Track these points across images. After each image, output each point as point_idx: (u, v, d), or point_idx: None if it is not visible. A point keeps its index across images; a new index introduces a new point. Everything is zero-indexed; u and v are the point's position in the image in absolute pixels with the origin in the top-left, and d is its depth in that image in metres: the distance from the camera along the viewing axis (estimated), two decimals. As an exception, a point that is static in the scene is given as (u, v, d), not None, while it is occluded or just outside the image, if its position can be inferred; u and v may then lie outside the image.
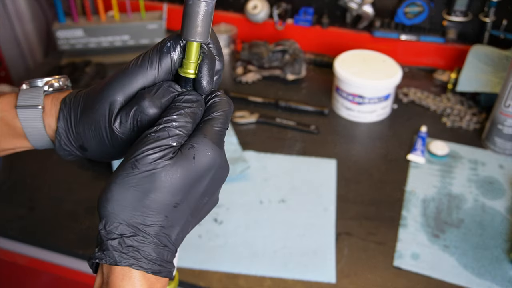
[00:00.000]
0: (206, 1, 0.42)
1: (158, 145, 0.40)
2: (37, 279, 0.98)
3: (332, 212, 0.95)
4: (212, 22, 0.43)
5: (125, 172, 0.40)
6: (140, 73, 0.45)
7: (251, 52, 1.33)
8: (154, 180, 0.39)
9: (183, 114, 0.42)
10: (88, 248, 0.88)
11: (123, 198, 0.40)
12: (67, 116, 0.49)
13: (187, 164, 0.40)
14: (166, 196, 0.40)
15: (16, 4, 1.45)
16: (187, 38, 0.43)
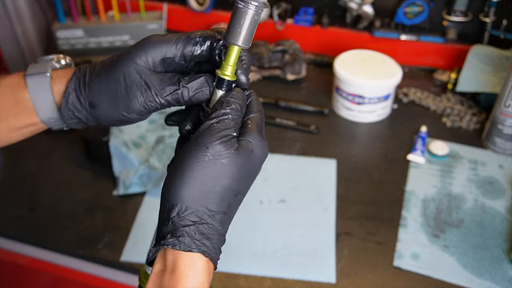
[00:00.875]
0: (254, 9, 0.44)
1: (223, 134, 0.43)
2: (37, 279, 0.98)
3: (332, 212, 0.95)
4: (255, 29, 0.45)
5: (197, 159, 0.42)
6: (165, 46, 0.47)
7: (251, 52, 1.33)
8: (225, 167, 0.42)
9: (235, 108, 0.45)
10: (88, 248, 0.89)
11: (197, 184, 0.41)
12: (81, 75, 0.49)
13: (248, 155, 0.44)
14: (233, 184, 0.43)
15: (16, 4, 1.45)
16: (231, 41, 0.45)
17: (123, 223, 0.92)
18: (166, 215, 0.42)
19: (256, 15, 0.44)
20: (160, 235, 0.43)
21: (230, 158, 0.42)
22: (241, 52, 0.48)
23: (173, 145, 1.09)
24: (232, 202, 0.44)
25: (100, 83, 0.48)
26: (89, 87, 0.48)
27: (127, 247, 0.88)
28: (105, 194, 0.99)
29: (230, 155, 0.42)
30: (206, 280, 0.42)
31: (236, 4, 0.44)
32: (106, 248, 0.88)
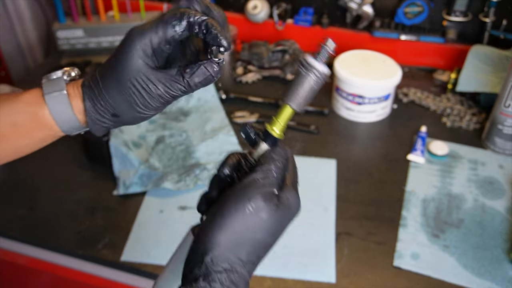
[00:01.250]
0: (315, 78, 0.46)
1: (267, 191, 0.45)
2: (37, 279, 0.98)
3: (332, 212, 0.95)
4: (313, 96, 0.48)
5: (238, 211, 0.43)
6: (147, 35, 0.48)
7: (251, 52, 1.33)
8: (263, 222, 0.44)
9: (279, 167, 0.47)
10: (88, 248, 0.89)
11: (236, 234, 0.43)
12: (91, 93, 0.52)
13: (285, 212, 0.46)
14: (267, 238, 0.45)
15: (16, 4, 1.45)
16: (287, 101, 0.48)
17: (123, 223, 0.92)
18: (200, 258, 0.43)
19: (316, 85, 0.47)
20: (191, 276, 0.44)
21: (270, 214, 0.44)
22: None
23: (173, 145, 1.09)
24: (262, 254, 0.46)
25: (114, 97, 0.51)
26: (104, 102, 0.51)
27: (127, 247, 0.88)
28: (105, 194, 0.99)
29: (270, 211, 0.44)
30: None
31: (299, 69, 0.46)
32: (106, 248, 0.88)
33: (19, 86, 1.29)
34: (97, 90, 0.51)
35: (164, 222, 0.93)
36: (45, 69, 1.35)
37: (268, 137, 0.49)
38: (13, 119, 0.55)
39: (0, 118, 0.55)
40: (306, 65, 0.46)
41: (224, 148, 1.08)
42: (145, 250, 0.87)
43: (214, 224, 0.44)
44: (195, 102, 1.23)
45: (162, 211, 0.95)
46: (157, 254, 0.86)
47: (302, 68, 0.46)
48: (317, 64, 0.46)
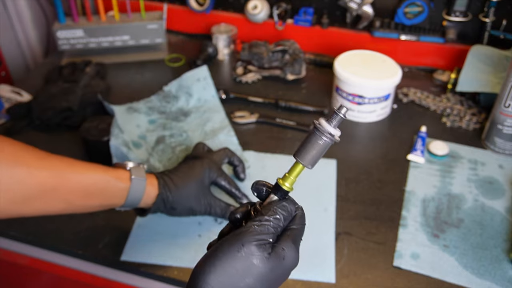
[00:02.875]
0: (326, 140, 0.49)
1: (260, 238, 0.47)
2: (37, 279, 0.98)
3: (332, 212, 0.95)
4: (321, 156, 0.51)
5: (230, 253, 0.46)
6: None
7: (251, 52, 1.33)
8: (254, 267, 0.46)
9: (278, 218, 0.50)
10: (88, 248, 0.89)
11: (224, 275, 0.45)
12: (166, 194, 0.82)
13: (278, 262, 0.47)
14: (257, 284, 0.46)
15: (17, 4, 1.45)
16: (300, 160, 0.51)
17: (123, 223, 0.92)
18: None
19: (327, 146, 0.50)
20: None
21: (261, 260, 0.46)
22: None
23: (173, 145, 1.09)
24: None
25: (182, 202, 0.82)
26: (172, 201, 0.80)
27: (127, 246, 0.88)
28: (105, 194, 0.99)
29: (262, 257, 0.46)
30: None
31: (313, 131, 0.50)
32: (106, 248, 0.88)
33: (19, 86, 1.30)
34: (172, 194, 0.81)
35: (164, 222, 0.93)
36: (45, 69, 1.35)
37: (278, 190, 0.53)
38: (103, 186, 0.72)
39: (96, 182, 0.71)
40: (321, 128, 0.49)
41: (224, 148, 1.08)
42: (145, 250, 0.87)
43: (207, 264, 0.46)
44: (195, 102, 1.23)
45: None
46: (157, 254, 0.86)
47: (316, 131, 0.49)
48: (331, 129, 0.49)
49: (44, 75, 1.31)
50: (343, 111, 0.49)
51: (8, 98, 1.23)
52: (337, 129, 0.50)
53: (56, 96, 1.18)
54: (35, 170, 0.63)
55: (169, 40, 1.51)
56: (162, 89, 1.25)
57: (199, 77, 1.23)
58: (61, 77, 1.27)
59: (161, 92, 1.24)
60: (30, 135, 1.14)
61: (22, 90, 1.26)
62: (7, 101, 1.23)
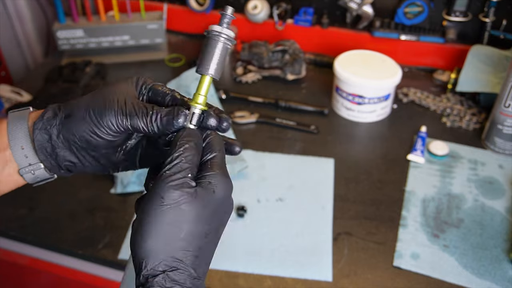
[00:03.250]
0: (223, 42, 0.47)
1: (177, 180, 0.43)
2: (37, 279, 0.98)
3: (330, 210, 0.95)
4: (224, 63, 0.49)
5: (155, 210, 0.42)
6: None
7: (251, 52, 1.33)
8: (184, 212, 0.42)
9: (188, 148, 0.45)
10: (88, 248, 0.89)
11: (159, 235, 0.42)
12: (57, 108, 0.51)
13: (208, 195, 0.44)
14: (197, 227, 0.43)
15: (17, 4, 1.45)
16: (201, 72, 0.48)
17: (123, 223, 0.92)
18: (138, 270, 0.43)
19: (225, 50, 0.48)
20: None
21: (189, 203, 0.42)
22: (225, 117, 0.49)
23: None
24: (203, 244, 0.44)
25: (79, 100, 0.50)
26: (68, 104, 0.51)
27: (125, 245, 0.88)
28: (105, 194, 0.99)
29: (188, 200, 0.42)
30: None
31: (207, 38, 0.48)
32: (106, 248, 0.88)
33: (19, 86, 1.30)
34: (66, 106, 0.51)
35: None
36: (45, 69, 1.35)
37: (192, 116, 0.48)
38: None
39: None
40: (215, 32, 0.47)
41: (224, 148, 1.08)
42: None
43: (137, 233, 0.43)
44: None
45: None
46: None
47: (212, 37, 0.47)
48: (224, 29, 0.47)
49: (44, 75, 1.31)
50: (229, 11, 0.47)
51: (8, 98, 1.23)
52: (230, 30, 0.48)
53: (56, 96, 1.18)
54: None
55: (169, 40, 1.51)
56: (162, 89, 1.25)
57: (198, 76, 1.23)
58: (61, 77, 1.27)
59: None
60: (30, 135, 1.14)
61: (22, 90, 1.26)
62: (7, 101, 1.23)
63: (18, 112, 0.52)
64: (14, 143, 0.50)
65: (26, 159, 0.50)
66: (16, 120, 0.51)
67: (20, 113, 0.52)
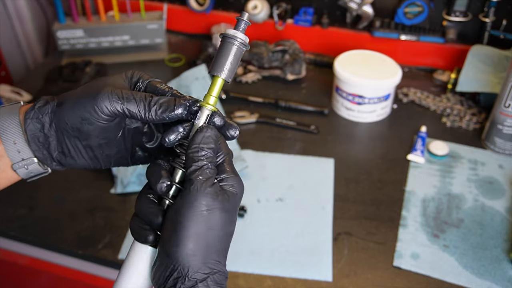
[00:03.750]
0: (238, 46, 0.48)
1: (211, 187, 0.45)
2: (37, 279, 0.98)
3: (330, 210, 0.95)
4: (237, 66, 0.49)
5: (196, 216, 0.43)
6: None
7: (251, 52, 1.33)
8: (218, 216, 0.44)
9: (210, 150, 0.46)
10: (88, 248, 0.89)
11: (201, 238, 0.43)
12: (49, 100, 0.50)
13: (233, 199, 0.47)
14: (228, 228, 0.46)
15: (16, 4, 1.45)
16: (214, 73, 0.48)
17: (123, 223, 0.92)
18: (179, 273, 0.43)
19: (239, 53, 0.48)
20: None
21: (222, 207, 0.45)
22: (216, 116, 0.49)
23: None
24: (229, 242, 0.48)
25: (73, 90, 0.50)
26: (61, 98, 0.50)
27: (125, 245, 0.88)
28: (105, 194, 0.99)
29: (221, 205, 0.45)
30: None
31: (223, 42, 0.48)
32: (106, 248, 0.88)
33: (19, 86, 1.30)
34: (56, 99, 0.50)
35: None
36: (45, 69, 1.35)
37: (202, 114, 0.49)
38: None
39: None
40: (229, 36, 0.48)
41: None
42: (145, 250, 0.87)
43: (179, 236, 0.43)
44: (195, 102, 1.22)
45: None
46: (157, 254, 0.86)
47: (227, 40, 0.48)
48: (239, 34, 0.48)
49: (44, 75, 1.31)
50: (246, 17, 0.48)
51: (8, 98, 1.23)
52: (245, 35, 0.48)
53: (56, 96, 1.18)
54: None
55: (169, 40, 1.51)
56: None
57: (197, 76, 1.23)
58: (61, 77, 1.27)
59: (161, 92, 1.24)
60: (30, 135, 1.14)
61: (22, 90, 1.26)
62: (7, 101, 1.22)
63: (8, 106, 0.50)
64: (6, 138, 0.49)
65: (18, 154, 0.50)
66: (6, 115, 0.50)
67: (11, 107, 0.50)
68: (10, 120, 0.49)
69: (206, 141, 0.47)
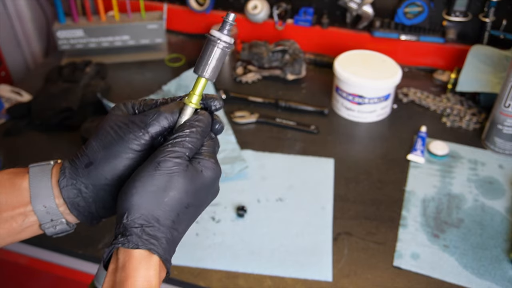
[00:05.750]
0: (222, 47, 0.50)
1: (175, 154, 0.48)
2: (37, 279, 0.98)
3: (330, 210, 0.95)
4: (221, 66, 0.52)
5: (148, 172, 0.47)
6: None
7: (251, 52, 1.33)
8: (173, 180, 0.47)
9: (195, 132, 0.50)
10: (88, 248, 0.89)
11: (146, 193, 0.46)
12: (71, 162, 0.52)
13: (196, 174, 0.49)
14: (181, 196, 0.48)
15: (16, 4, 1.45)
16: (198, 73, 0.51)
17: (123, 223, 0.92)
18: (119, 219, 0.47)
19: (224, 55, 0.51)
20: (113, 238, 0.47)
21: (179, 173, 0.47)
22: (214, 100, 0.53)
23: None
24: (183, 212, 0.48)
25: (88, 147, 0.51)
26: (82, 155, 0.51)
27: (127, 247, 0.88)
28: (105, 194, 0.99)
29: (179, 171, 0.47)
30: (155, 274, 0.46)
31: (207, 42, 0.50)
32: (106, 247, 0.88)
33: (19, 86, 1.30)
34: (79, 155, 0.52)
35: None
36: (45, 69, 1.35)
37: (186, 111, 0.51)
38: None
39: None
40: (214, 38, 0.50)
41: (222, 146, 1.08)
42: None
43: (129, 187, 0.47)
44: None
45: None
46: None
47: (210, 41, 0.50)
48: (223, 36, 0.50)
49: (44, 75, 1.31)
50: (231, 18, 0.51)
51: (8, 98, 1.23)
52: (230, 37, 0.51)
53: (56, 96, 1.18)
54: None
55: (169, 40, 1.51)
56: (161, 88, 1.25)
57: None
58: (61, 77, 1.27)
59: (160, 91, 1.24)
60: (30, 135, 1.14)
61: (22, 90, 1.26)
62: (7, 101, 1.23)
63: (39, 167, 0.52)
64: (36, 202, 0.51)
65: (47, 215, 0.52)
66: (37, 177, 0.51)
67: (42, 169, 0.52)
68: (41, 183, 0.51)
69: (196, 123, 0.50)
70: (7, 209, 0.51)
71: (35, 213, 0.51)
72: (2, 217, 0.50)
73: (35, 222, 0.52)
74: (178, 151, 0.48)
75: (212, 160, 0.51)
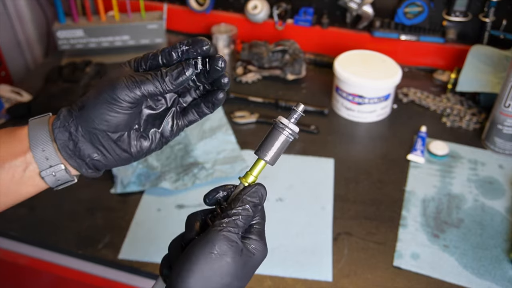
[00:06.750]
0: (287, 135, 0.51)
1: (231, 235, 0.47)
2: (37, 279, 0.98)
3: (330, 210, 0.95)
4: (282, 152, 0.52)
5: (204, 256, 0.46)
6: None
7: (251, 52, 1.33)
8: (228, 265, 0.47)
9: (248, 209, 0.49)
10: (88, 248, 0.89)
11: (204, 278, 0.46)
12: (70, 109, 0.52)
13: (249, 258, 0.49)
14: (233, 281, 0.47)
15: (17, 4, 1.45)
16: (263, 157, 0.52)
17: (123, 223, 0.92)
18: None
19: (287, 142, 0.51)
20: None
21: (234, 258, 0.47)
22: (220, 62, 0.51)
23: (171, 143, 1.09)
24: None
25: (88, 93, 0.51)
26: (78, 101, 0.52)
27: (125, 245, 0.88)
28: (105, 194, 0.99)
29: (235, 256, 0.47)
30: None
31: (274, 128, 0.51)
32: (106, 247, 0.88)
33: (19, 86, 1.30)
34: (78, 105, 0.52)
35: (161, 221, 0.93)
36: (45, 69, 1.35)
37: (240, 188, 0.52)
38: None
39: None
40: (281, 125, 0.51)
41: (222, 147, 1.08)
42: (143, 248, 0.87)
43: (183, 270, 0.46)
44: (195, 102, 1.22)
45: (160, 210, 0.95)
46: (155, 252, 0.86)
47: (277, 128, 0.51)
48: (291, 125, 0.51)
49: (44, 75, 1.31)
50: (300, 108, 0.52)
51: (8, 98, 1.23)
52: (296, 126, 0.52)
53: (56, 96, 1.18)
54: None
55: (169, 40, 1.51)
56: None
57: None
58: (61, 77, 1.27)
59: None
60: (30, 135, 1.14)
61: (22, 90, 1.26)
62: (7, 101, 1.23)
63: (38, 118, 0.53)
64: (34, 146, 0.51)
65: (46, 161, 0.51)
66: (36, 125, 0.52)
67: (41, 119, 0.53)
68: (39, 129, 0.52)
69: (249, 198, 0.50)
70: (7, 158, 0.51)
71: (34, 159, 0.51)
72: (4, 168, 0.51)
73: (35, 170, 0.52)
74: (232, 232, 0.47)
75: (263, 241, 0.51)
